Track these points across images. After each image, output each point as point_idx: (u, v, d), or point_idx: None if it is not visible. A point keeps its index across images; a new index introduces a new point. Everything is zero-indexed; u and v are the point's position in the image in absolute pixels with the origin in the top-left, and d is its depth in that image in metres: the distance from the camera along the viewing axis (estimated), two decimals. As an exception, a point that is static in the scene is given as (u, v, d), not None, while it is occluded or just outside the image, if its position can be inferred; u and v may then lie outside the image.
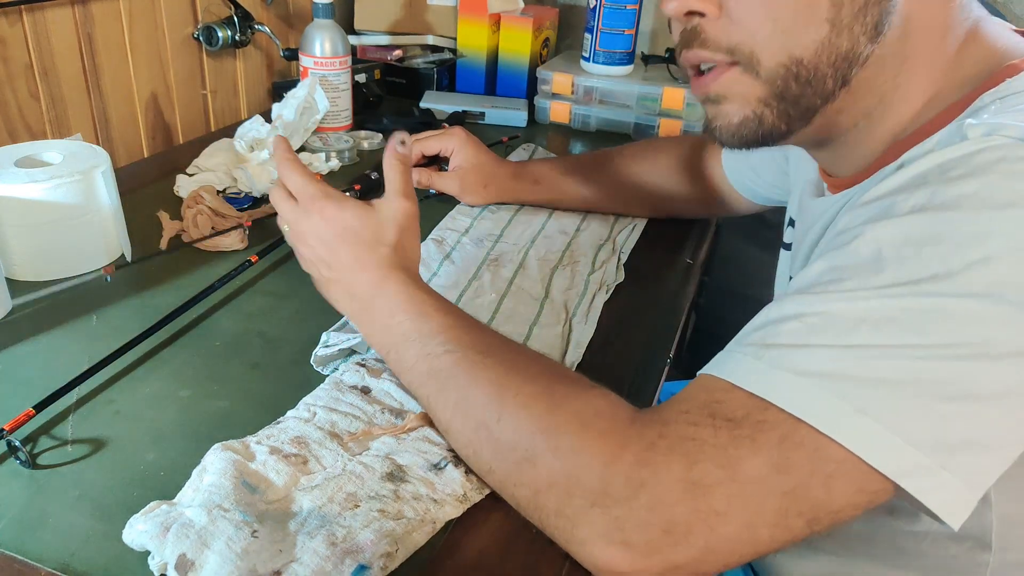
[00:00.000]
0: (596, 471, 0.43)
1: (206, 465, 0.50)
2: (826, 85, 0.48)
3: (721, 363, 0.45)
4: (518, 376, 0.50)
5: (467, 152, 0.92)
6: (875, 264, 0.41)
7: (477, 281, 0.79)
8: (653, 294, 0.81)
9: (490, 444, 0.48)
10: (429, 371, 0.53)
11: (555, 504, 0.44)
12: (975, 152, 0.41)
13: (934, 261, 0.39)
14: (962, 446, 0.39)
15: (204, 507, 0.46)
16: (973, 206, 0.39)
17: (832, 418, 0.39)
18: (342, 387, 0.60)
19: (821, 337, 0.41)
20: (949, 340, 0.39)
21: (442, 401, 0.52)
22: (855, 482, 0.40)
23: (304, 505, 0.48)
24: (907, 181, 0.43)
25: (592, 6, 1.25)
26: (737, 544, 0.41)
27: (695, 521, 0.41)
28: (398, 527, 0.47)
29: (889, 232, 0.42)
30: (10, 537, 0.47)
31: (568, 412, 0.46)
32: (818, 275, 0.44)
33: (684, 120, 1.22)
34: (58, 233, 0.73)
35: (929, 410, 0.39)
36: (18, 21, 0.87)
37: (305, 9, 1.33)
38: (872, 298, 0.40)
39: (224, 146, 1.01)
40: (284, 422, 0.56)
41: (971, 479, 0.39)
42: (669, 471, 0.41)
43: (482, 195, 0.94)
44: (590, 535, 0.43)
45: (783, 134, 0.52)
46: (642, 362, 0.69)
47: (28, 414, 0.54)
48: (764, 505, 0.40)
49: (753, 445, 0.40)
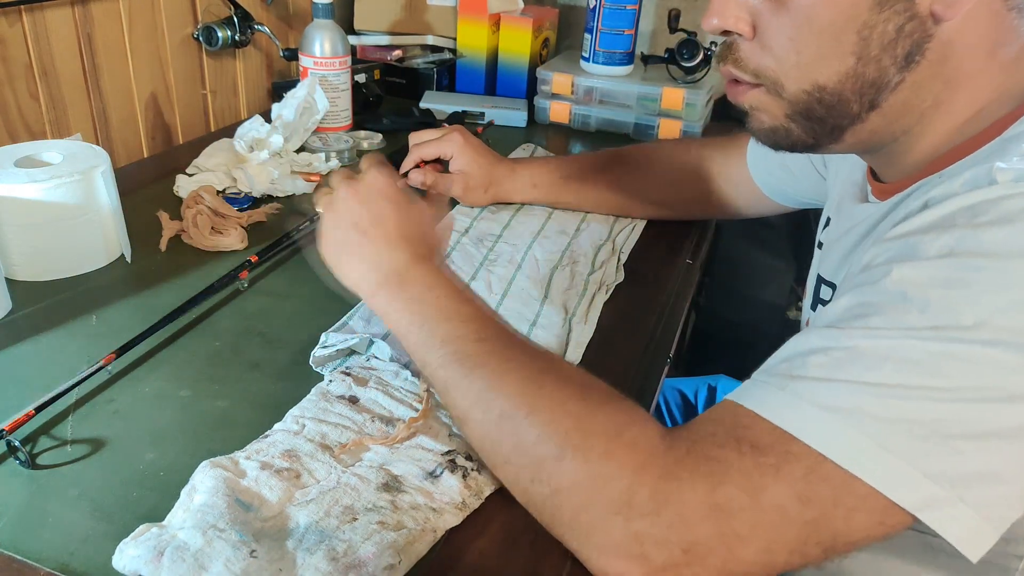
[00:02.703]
0: (623, 480, 0.43)
1: (195, 484, 0.49)
2: (851, 108, 0.50)
3: (747, 392, 0.45)
4: (552, 376, 0.50)
5: (467, 156, 0.92)
6: (902, 304, 0.42)
7: (477, 281, 0.78)
8: (653, 294, 0.81)
9: (514, 436, 0.48)
10: (458, 353, 0.52)
11: (574, 507, 0.44)
12: (1004, 197, 0.41)
13: (959, 306, 0.40)
14: (979, 479, 0.40)
15: (198, 528, 0.45)
16: (999, 253, 0.40)
17: (856, 455, 0.40)
18: (329, 397, 0.59)
19: (846, 372, 0.42)
20: (969, 384, 0.39)
21: (464, 387, 0.51)
22: (876, 516, 0.41)
23: (300, 521, 0.47)
24: (934, 222, 0.43)
25: (592, 6, 1.25)
26: (752, 567, 0.42)
27: (716, 544, 0.41)
28: (399, 538, 0.46)
29: (916, 274, 0.42)
30: (10, 537, 0.47)
31: (602, 417, 0.46)
32: (845, 310, 0.44)
33: (684, 120, 1.22)
34: (58, 233, 0.73)
35: (948, 447, 0.40)
36: (18, 21, 0.87)
37: (305, 9, 1.33)
38: (896, 338, 0.41)
39: (224, 146, 1.01)
40: (272, 435, 0.55)
41: (989, 512, 0.40)
42: (694, 490, 0.42)
43: (484, 197, 0.94)
44: (606, 544, 0.43)
45: (811, 146, 0.53)
46: (642, 362, 0.69)
47: (28, 414, 0.54)
48: (785, 533, 0.41)
49: (778, 475, 0.41)
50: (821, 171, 0.79)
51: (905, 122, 0.51)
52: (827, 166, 0.77)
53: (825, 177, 0.78)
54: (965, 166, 0.46)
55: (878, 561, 0.58)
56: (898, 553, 0.57)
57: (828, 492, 0.41)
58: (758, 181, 0.87)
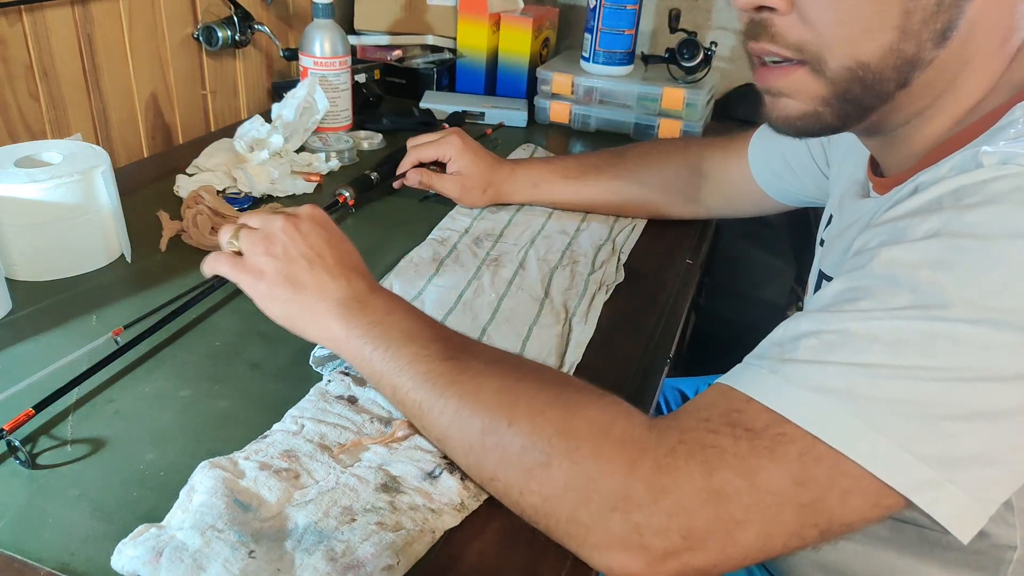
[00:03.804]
0: (617, 476, 0.43)
1: (194, 484, 0.49)
2: (887, 87, 0.49)
3: (738, 375, 0.46)
4: (527, 383, 0.49)
5: (465, 159, 0.92)
6: (890, 286, 0.42)
7: (477, 281, 0.78)
8: (653, 294, 0.81)
9: (497, 451, 0.47)
10: (427, 374, 0.51)
11: (568, 510, 0.44)
12: (989, 180, 0.41)
13: (946, 286, 0.40)
14: (970, 461, 0.40)
15: (196, 529, 0.45)
16: (986, 234, 0.40)
17: (848, 436, 0.40)
18: (328, 397, 0.59)
19: (836, 355, 0.42)
20: (958, 364, 0.40)
21: (439, 407, 0.50)
22: (871, 497, 0.41)
23: (299, 521, 0.47)
24: (922, 205, 0.44)
25: (592, 6, 1.25)
26: (751, 550, 0.42)
27: (715, 528, 0.42)
28: (398, 539, 0.46)
29: (904, 255, 0.42)
30: (10, 537, 0.47)
31: (585, 418, 0.46)
32: (836, 294, 0.45)
33: (684, 120, 1.22)
34: (58, 233, 0.73)
35: (938, 428, 0.40)
36: (18, 21, 0.87)
37: (305, 9, 1.33)
38: (886, 319, 0.41)
39: (224, 146, 1.01)
40: (271, 436, 0.54)
41: (979, 493, 0.40)
42: (690, 477, 0.42)
43: (482, 198, 0.94)
44: (605, 540, 0.43)
45: (836, 129, 0.53)
46: (642, 362, 0.69)
47: (28, 414, 0.54)
48: (782, 516, 0.41)
49: (772, 457, 0.41)
50: (824, 170, 0.79)
51: (923, 103, 0.51)
52: (830, 165, 0.77)
53: (827, 175, 0.78)
54: (957, 155, 0.46)
55: (876, 554, 0.59)
56: (895, 547, 0.57)
57: (823, 474, 0.41)
58: (759, 180, 0.87)
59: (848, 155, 0.69)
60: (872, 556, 0.59)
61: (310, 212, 0.60)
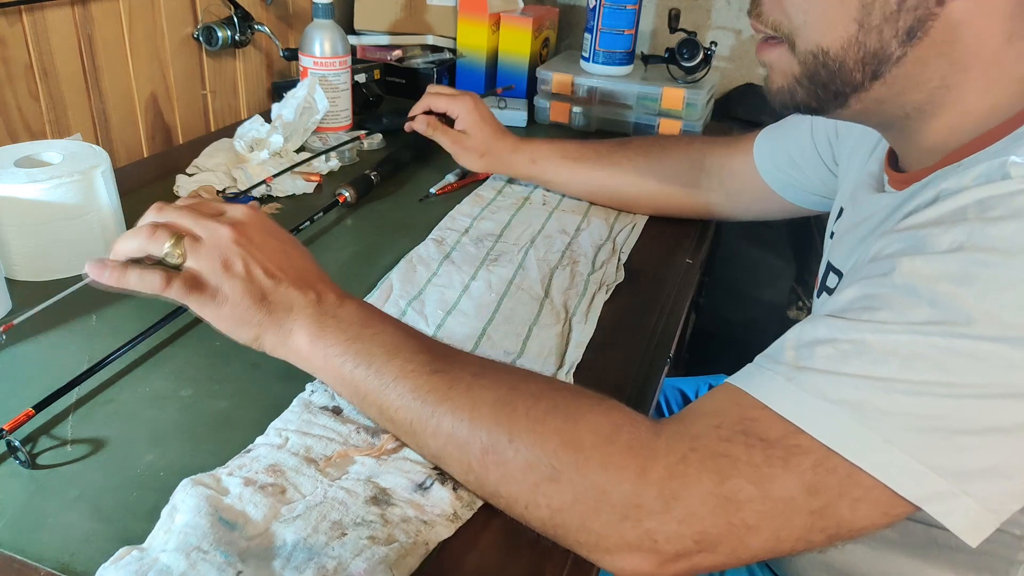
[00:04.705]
0: (627, 485, 0.43)
1: (176, 504, 0.47)
2: (853, 76, 0.51)
3: (751, 378, 0.45)
4: (522, 394, 0.48)
5: (472, 119, 0.96)
6: (910, 298, 0.42)
7: (477, 281, 0.78)
8: (653, 294, 0.81)
9: (499, 468, 0.46)
10: (415, 391, 0.49)
11: (579, 520, 0.44)
12: (1016, 192, 0.41)
13: (967, 302, 0.40)
14: (984, 474, 0.40)
15: (181, 550, 0.43)
16: (1010, 249, 0.40)
17: (862, 449, 0.41)
18: (312, 409, 0.57)
19: (853, 366, 0.42)
20: (975, 380, 0.40)
21: (432, 425, 0.48)
22: (881, 506, 0.41)
23: (287, 538, 0.45)
24: (945, 215, 0.43)
25: (592, 6, 1.25)
26: (761, 552, 0.43)
27: (727, 534, 0.42)
28: (391, 553, 0.45)
29: (925, 267, 0.42)
30: (9, 537, 0.47)
31: (588, 426, 0.45)
32: (853, 300, 0.44)
33: (684, 120, 1.22)
34: (58, 233, 0.73)
35: (952, 441, 0.40)
36: (18, 21, 0.87)
37: (305, 9, 1.33)
38: (903, 332, 0.41)
39: (224, 146, 1.01)
40: (255, 450, 0.53)
41: (992, 504, 0.41)
42: (701, 484, 0.42)
43: (478, 163, 0.96)
44: (618, 546, 0.43)
45: (815, 110, 0.54)
46: (642, 362, 0.69)
47: (28, 414, 0.54)
48: (792, 521, 0.42)
49: (786, 466, 0.42)
50: (832, 168, 0.79)
51: (913, 97, 0.51)
52: (838, 163, 0.77)
53: (835, 173, 0.78)
54: (980, 159, 0.45)
55: (884, 556, 0.59)
56: (903, 548, 0.57)
57: (835, 483, 0.41)
58: (764, 174, 0.86)
59: (856, 150, 0.69)
60: (879, 558, 0.59)
61: (253, 217, 0.55)
